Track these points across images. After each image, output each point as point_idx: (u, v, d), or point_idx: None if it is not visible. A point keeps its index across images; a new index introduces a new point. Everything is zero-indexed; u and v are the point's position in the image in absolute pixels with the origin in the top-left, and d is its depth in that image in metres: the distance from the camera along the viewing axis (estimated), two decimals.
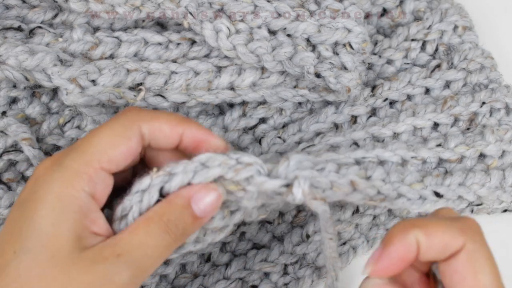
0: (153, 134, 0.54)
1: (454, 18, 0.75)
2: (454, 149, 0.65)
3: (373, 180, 0.57)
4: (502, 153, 0.66)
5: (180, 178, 0.52)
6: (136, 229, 0.52)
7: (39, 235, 0.50)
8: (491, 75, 0.73)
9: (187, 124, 0.55)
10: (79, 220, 0.51)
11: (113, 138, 0.52)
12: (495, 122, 0.69)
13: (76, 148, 0.52)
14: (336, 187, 0.54)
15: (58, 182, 0.51)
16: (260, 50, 0.66)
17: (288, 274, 0.69)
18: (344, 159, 0.59)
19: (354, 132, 0.68)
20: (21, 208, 0.52)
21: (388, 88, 0.72)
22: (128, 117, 0.54)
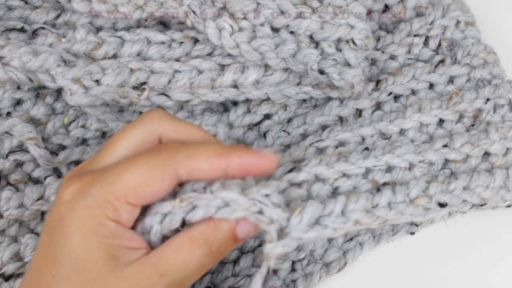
0: (191, 174, 0.52)
1: (456, 14, 0.75)
2: (460, 149, 0.65)
3: (378, 209, 0.58)
4: (506, 150, 0.66)
5: (202, 213, 0.52)
6: (180, 249, 0.52)
7: (75, 262, 0.50)
8: (494, 71, 0.73)
9: (228, 156, 0.52)
10: (112, 242, 0.51)
11: (144, 177, 0.51)
12: (499, 119, 0.69)
13: (106, 178, 0.51)
14: (340, 230, 0.55)
15: (84, 210, 0.51)
16: (263, 48, 0.66)
17: (296, 271, 0.69)
18: (355, 170, 0.60)
19: (362, 128, 0.67)
20: (51, 233, 0.52)
21: (392, 83, 0.72)
22: (164, 157, 0.52)
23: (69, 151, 0.69)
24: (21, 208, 0.66)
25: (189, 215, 0.52)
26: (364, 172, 0.61)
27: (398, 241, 0.72)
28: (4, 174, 0.68)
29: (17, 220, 0.67)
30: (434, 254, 0.71)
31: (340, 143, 0.66)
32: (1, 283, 0.64)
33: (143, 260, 0.51)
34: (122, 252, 0.51)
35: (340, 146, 0.66)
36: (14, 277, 0.65)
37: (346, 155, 0.63)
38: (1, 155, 0.67)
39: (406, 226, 0.71)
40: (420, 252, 0.71)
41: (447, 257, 0.71)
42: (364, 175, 0.61)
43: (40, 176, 0.68)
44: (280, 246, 0.51)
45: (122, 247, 0.51)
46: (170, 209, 0.53)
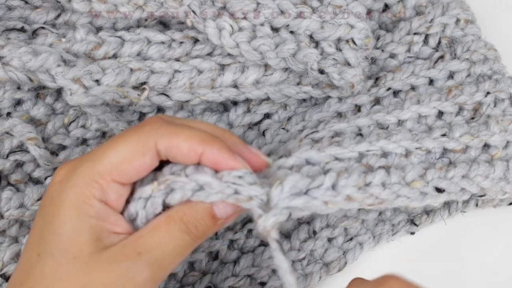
0: (169, 151, 0.53)
1: (456, 12, 0.74)
2: (459, 139, 0.64)
3: (371, 187, 0.57)
4: (506, 143, 0.66)
5: (179, 196, 0.53)
6: (157, 228, 0.52)
7: (60, 240, 0.51)
8: (494, 67, 0.72)
9: (208, 144, 0.53)
10: (97, 224, 0.52)
11: (127, 153, 0.52)
12: (500, 113, 0.68)
13: (91, 157, 0.53)
14: (331, 204, 0.54)
15: (71, 190, 0.52)
16: (263, 47, 0.65)
17: (296, 271, 0.69)
18: (347, 153, 0.59)
19: (358, 119, 0.67)
20: (42, 214, 0.53)
21: (391, 79, 0.72)
22: (146, 131, 0.53)
23: (69, 151, 0.69)
24: (22, 209, 0.66)
25: (168, 198, 0.53)
26: (358, 156, 0.60)
27: (398, 241, 0.72)
28: (5, 174, 0.68)
29: (17, 221, 0.67)
30: (434, 254, 0.71)
31: (335, 133, 0.66)
32: (2, 283, 0.65)
33: (122, 242, 0.52)
34: (105, 234, 0.52)
35: (335, 136, 0.66)
36: None
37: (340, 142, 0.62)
38: (2, 155, 0.67)
39: (406, 226, 0.71)
40: (420, 252, 0.71)
41: (447, 257, 0.71)
42: (357, 159, 0.60)
43: (41, 176, 0.69)
44: (270, 217, 0.51)
45: (105, 230, 0.52)
46: (150, 193, 0.53)
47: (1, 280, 0.65)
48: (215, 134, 0.55)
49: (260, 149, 0.70)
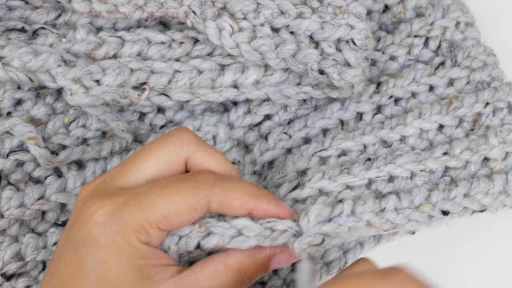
0: (221, 208, 0.53)
1: (456, 14, 0.75)
2: (459, 156, 0.66)
3: (386, 212, 0.60)
4: (505, 155, 0.67)
5: (216, 241, 0.53)
6: (215, 274, 0.53)
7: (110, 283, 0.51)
8: (493, 73, 0.73)
9: (258, 199, 0.54)
10: (146, 263, 0.52)
11: (179, 206, 0.52)
12: (498, 122, 0.69)
13: (139, 203, 0.52)
14: (354, 230, 0.58)
15: (118, 235, 0.51)
16: (264, 48, 0.66)
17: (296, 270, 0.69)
18: (358, 181, 0.62)
19: (363, 137, 0.68)
20: (81, 252, 0.52)
21: (393, 85, 0.72)
22: (201, 188, 0.53)
23: (69, 151, 0.69)
24: (22, 208, 0.66)
25: (204, 240, 0.54)
26: (367, 183, 0.63)
27: (398, 241, 0.72)
28: (5, 173, 0.68)
29: (17, 220, 0.67)
30: (434, 253, 0.71)
31: (342, 152, 0.68)
32: (2, 282, 0.65)
33: (176, 279, 0.52)
34: (154, 271, 0.52)
35: (342, 155, 0.68)
36: (15, 277, 0.65)
37: (349, 166, 0.64)
38: (2, 154, 0.67)
39: None
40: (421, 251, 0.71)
41: (447, 257, 0.71)
42: (367, 186, 0.63)
43: (41, 175, 0.69)
44: (305, 238, 0.53)
45: (153, 266, 0.52)
46: (188, 232, 0.54)
47: (1, 280, 0.65)
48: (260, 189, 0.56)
49: (263, 155, 0.71)
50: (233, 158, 0.70)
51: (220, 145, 0.70)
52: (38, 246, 0.66)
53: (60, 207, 0.69)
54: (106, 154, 0.69)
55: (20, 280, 0.65)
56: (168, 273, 0.52)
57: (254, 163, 0.71)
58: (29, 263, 0.66)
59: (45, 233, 0.68)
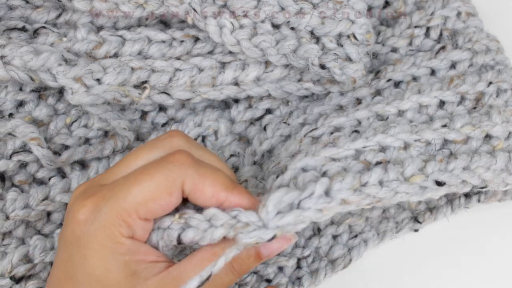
0: (193, 193, 0.53)
1: (457, 4, 0.74)
2: (460, 130, 0.63)
3: (368, 186, 0.56)
4: (508, 134, 0.64)
5: (192, 234, 0.52)
6: (202, 263, 0.52)
7: (96, 281, 0.51)
8: (497, 57, 0.71)
9: (231, 192, 0.53)
10: (129, 259, 0.51)
11: (153, 191, 0.51)
12: (502, 103, 0.67)
13: (116, 194, 0.52)
14: (326, 210, 0.53)
15: (100, 231, 0.51)
16: (264, 44, 0.65)
17: (301, 268, 0.69)
18: (343, 152, 0.58)
19: (357, 112, 0.66)
20: (69, 251, 0.53)
21: (392, 70, 0.71)
22: (174, 169, 0.52)
23: (72, 151, 0.69)
24: (27, 209, 0.66)
25: (183, 234, 0.53)
26: (354, 153, 0.59)
27: (402, 238, 0.72)
28: (9, 175, 0.68)
29: (23, 221, 0.67)
30: (437, 250, 0.71)
31: (335, 128, 0.65)
32: (12, 285, 0.65)
33: (164, 274, 0.52)
34: (141, 267, 0.52)
35: (335, 131, 0.65)
36: (25, 279, 0.66)
37: (336, 141, 0.61)
38: (5, 156, 0.67)
39: (409, 223, 0.71)
40: (424, 249, 0.71)
41: (450, 254, 0.71)
42: (354, 156, 0.59)
43: (44, 176, 0.69)
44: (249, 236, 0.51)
45: (140, 262, 0.52)
46: (169, 224, 0.53)
47: (10, 282, 0.65)
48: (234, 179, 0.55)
49: (262, 144, 0.70)
50: (233, 150, 0.70)
51: (221, 139, 0.70)
52: (45, 247, 0.67)
53: (65, 208, 0.69)
54: (108, 153, 0.69)
55: (30, 283, 0.65)
56: (156, 269, 0.52)
57: (254, 154, 0.71)
58: (38, 265, 0.66)
59: (51, 234, 0.68)
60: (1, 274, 0.64)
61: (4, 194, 0.67)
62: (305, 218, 0.52)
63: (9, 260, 0.65)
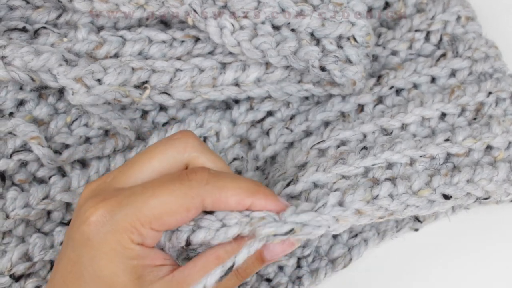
0: (217, 206, 0.53)
1: (457, 9, 0.75)
2: (462, 143, 0.65)
3: (379, 199, 0.58)
4: (508, 144, 0.66)
5: (203, 235, 0.53)
6: (206, 267, 0.52)
7: (104, 283, 0.51)
8: (495, 65, 0.73)
9: (255, 196, 0.53)
10: (137, 264, 0.52)
11: (171, 205, 0.51)
12: (501, 112, 0.69)
13: (132, 203, 0.52)
14: (342, 220, 0.56)
15: (111, 235, 0.51)
16: (265, 46, 0.66)
17: (302, 267, 0.69)
18: (353, 170, 0.61)
19: (363, 125, 0.68)
20: (77, 251, 0.53)
21: (394, 77, 0.72)
22: (193, 186, 0.52)
23: (72, 150, 0.69)
24: (27, 208, 0.66)
25: (192, 235, 0.53)
26: (364, 171, 0.61)
27: (402, 238, 0.72)
28: (9, 174, 0.68)
29: (23, 220, 0.67)
30: (438, 250, 0.71)
31: (341, 142, 0.67)
32: (12, 283, 0.65)
33: (168, 278, 0.52)
34: (147, 271, 0.52)
35: (341, 145, 0.67)
36: (24, 277, 0.66)
37: (345, 156, 0.63)
38: (5, 155, 0.68)
39: (410, 222, 0.72)
40: (424, 248, 0.71)
41: (451, 253, 0.71)
42: (363, 174, 0.61)
43: (45, 175, 0.69)
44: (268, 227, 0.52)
45: (147, 266, 0.52)
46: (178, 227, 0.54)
47: (10, 281, 0.65)
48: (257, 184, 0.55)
49: (265, 150, 0.71)
50: (236, 154, 0.70)
51: (223, 141, 0.70)
52: (45, 245, 0.67)
53: (65, 206, 0.69)
54: (109, 152, 0.70)
55: (30, 281, 0.66)
56: (161, 272, 0.52)
57: (256, 159, 0.71)
58: (37, 263, 0.66)
59: (51, 233, 0.68)
60: (1, 272, 0.65)
61: (4, 193, 0.67)
62: (322, 222, 0.54)
63: (8, 258, 0.65)
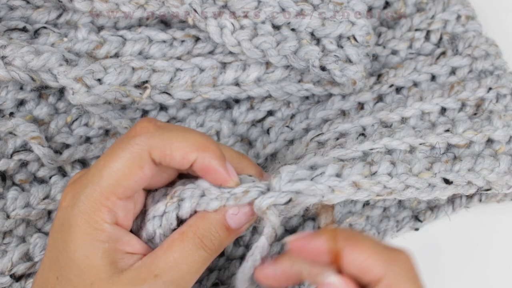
0: (163, 160, 0.52)
1: (457, 8, 0.75)
2: (462, 134, 0.65)
3: (378, 176, 0.58)
4: (509, 138, 0.66)
5: (188, 204, 0.53)
6: (171, 246, 0.52)
7: (76, 266, 0.51)
8: (496, 62, 0.73)
9: (202, 152, 0.52)
10: (110, 247, 0.52)
11: (124, 169, 0.51)
12: (502, 108, 0.69)
13: (91, 179, 0.52)
14: (338, 191, 0.54)
15: (80, 217, 0.52)
16: (265, 45, 0.66)
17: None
18: (351, 153, 0.60)
19: (362, 118, 0.68)
20: (55, 237, 0.53)
21: (393, 75, 0.72)
22: (138, 142, 0.52)
23: (73, 150, 0.69)
24: (28, 208, 0.67)
25: (180, 210, 0.53)
26: (362, 155, 0.60)
27: (402, 237, 0.72)
28: (9, 174, 0.68)
29: (24, 220, 0.68)
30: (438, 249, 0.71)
31: (340, 134, 0.67)
32: (12, 283, 0.65)
33: (138, 264, 0.52)
34: (119, 257, 0.52)
35: (341, 137, 0.67)
36: (25, 277, 0.66)
37: (343, 143, 0.63)
38: (6, 155, 0.68)
39: (410, 222, 0.72)
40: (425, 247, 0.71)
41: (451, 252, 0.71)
42: (361, 158, 0.60)
43: (45, 175, 0.69)
44: (266, 198, 0.52)
45: (119, 251, 0.52)
46: (163, 210, 0.53)
47: (10, 280, 0.65)
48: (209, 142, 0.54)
49: (265, 148, 0.71)
50: None
51: (223, 140, 0.70)
52: (45, 245, 0.67)
53: None
54: None
55: (30, 281, 0.66)
56: (132, 260, 0.52)
57: (257, 156, 0.71)
58: (38, 263, 0.66)
59: None
60: (1, 272, 0.65)
61: (5, 193, 0.67)
62: (316, 191, 0.53)
63: (9, 258, 0.65)
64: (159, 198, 0.55)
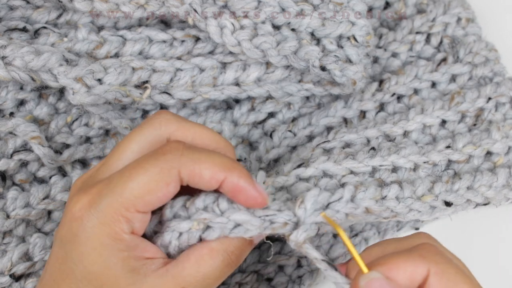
0: (192, 179, 0.52)
1: (457, 10, 0.75)
2: (462, 150, 0.66)
3: (387, 200, 0.60)
4: (508, 149, 0.68)
5: (218, 234, 0.53)
6: (200, 261, 0.52)
7: (95, 277, 0.51)
8: (495, 68, 0.73)
9: (229, 172, 0.52)
10: (129, 255, 0.52)
11: (150, 184, 0.51)
12: (501, 117, 0.70)
13: (113, 189, 0.51)
14: (351, 216, 0.58)
15: (98, 228, 0.51)
16: (265, 45, 0.66)
17: (302, 267, 0.70)
18: (362, 167, 0.62)
19: (367, 130, 0.69)
20: (65, 249, 0.53)
21: (395, 83, 0.73)
22: (168, 160, 0.52)
23: (73, 150, 0.69)
24: (28, 208, 0.67)
25: (205, 233, 0.54)
26: (371, 171, 0.63)
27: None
28: (9, 174, 0.68)
29: (24, 220, 0.68)
30: None
31: (346, 144, 0.68)
32: (12, 283, 0.65)
33: (162, 272, 0.52)
34: (139, 263, 0.52)
35: (346, 147, 0.67)
36: (24, 277, 0.66)
37: (353, 154, 0.64)
38: (6, 155, 0.68)
39: (410, 221, 0.72)
40: None
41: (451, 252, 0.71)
42: (371, 173, 0.63)
43: (45, 175, 0.69)
44: (301, 232, 0.53)
45: (138, 258, 0.52)
46: (187, 229, 0.54)
47: (10, 280, 0.65)
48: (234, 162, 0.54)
49: (269, 153, 0.71)
50: (239, 155, 0.70)
51: None
52: (45, 245, 0.67)
53: None
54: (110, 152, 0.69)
55: (29, 281, 0.66)
56: (154, 265, 0.52)
57: (259, 160, 0.71)
58: (37, 263, 0.66)
59: (51, 233, 0.68)
60: (1, 272, 0.65)
61: (5, 193, 0.67)
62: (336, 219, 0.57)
63: (9, 258, 0.65)
64: (177, 209, 0.55)
